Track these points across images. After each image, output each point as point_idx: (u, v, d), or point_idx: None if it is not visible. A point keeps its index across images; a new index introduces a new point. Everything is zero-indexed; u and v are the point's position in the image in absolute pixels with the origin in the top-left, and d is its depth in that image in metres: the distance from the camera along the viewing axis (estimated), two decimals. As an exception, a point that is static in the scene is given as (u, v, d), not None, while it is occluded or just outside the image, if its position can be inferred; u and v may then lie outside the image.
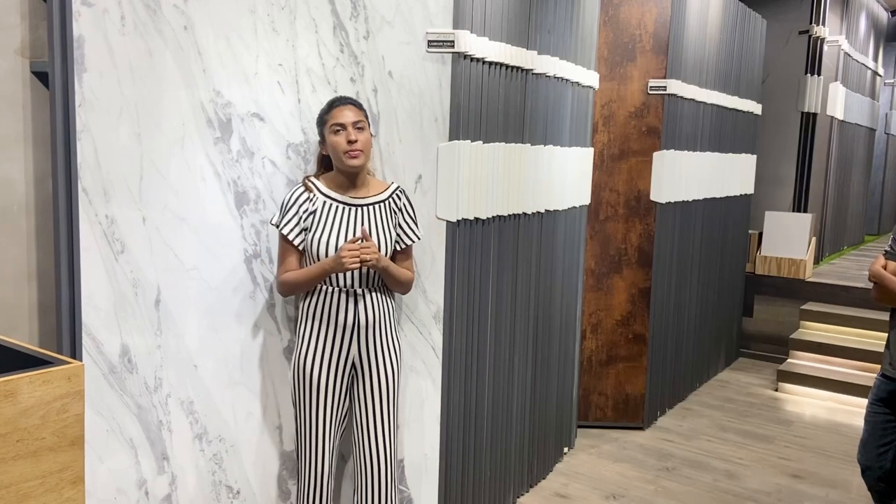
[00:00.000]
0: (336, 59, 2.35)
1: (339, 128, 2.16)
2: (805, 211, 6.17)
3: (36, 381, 1.18)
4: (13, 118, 2.09)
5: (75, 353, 2.06)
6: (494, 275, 2.77)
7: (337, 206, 2.22)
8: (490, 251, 2.72)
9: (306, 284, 2.19)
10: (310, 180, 2.25)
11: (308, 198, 2.21)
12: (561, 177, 3.16)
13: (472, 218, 2.57)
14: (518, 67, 2.74)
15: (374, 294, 2.22)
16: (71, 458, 1.22)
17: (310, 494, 2.25)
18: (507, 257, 2.84)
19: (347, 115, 2.16)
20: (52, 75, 1.99)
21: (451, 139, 2.43)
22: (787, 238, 5.52)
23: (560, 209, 3.21)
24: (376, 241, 2.21)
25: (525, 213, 2.91)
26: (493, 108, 2.63)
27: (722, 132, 4.63)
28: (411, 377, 2.53)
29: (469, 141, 2.50)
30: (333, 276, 2.18)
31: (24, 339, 2.16)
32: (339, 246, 2.16)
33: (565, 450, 3.59)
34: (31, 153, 2.13)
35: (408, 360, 2.52)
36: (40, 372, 1.18)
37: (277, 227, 2.21)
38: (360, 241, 2.12)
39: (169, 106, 2.10)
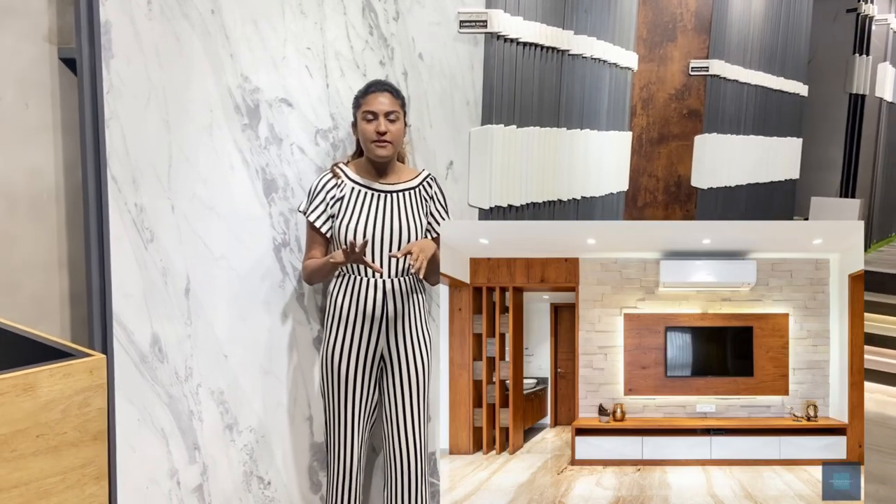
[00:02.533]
0: (365, 42, 2.29)
1: (371, 115, 2.10)
2: (853, 196, 5.94)
3: (56, 374, 1.14)
4: (42, 105, 2.08)
5: (106, 342, 2.04)
6: (529, 263, 2.68)
7: (365, 193, 2.16)
8: (524, 239, 2.64)
9: (319, 274, 2.16)
10: (338, 167, 2.20)
11: (336, 184, 2.16)
12: (597, 162, 3.06)
13: (505, 205, 2.49)
14: (554, 48, 2.65)
15: (403, 284, 2.17)
16: (93, 454, 1.19)
17: (340, 487, 2.21)
18: (542, 245, 2.75)
19: (382, 104, 2.10)
20: (80, 61, 1.97)
21: (483, 123, 2.35)
22: (834, 224, 5.29)
23: (597, 196, 3.11)
24: (406, 230, 2.15)
25: (560, 200, 2.82)
26: (527, 90, 2.54)
27: (766, 115, 4.46)
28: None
29: (502, 125, 2.42)
30: (361, 265, 2.13)
31: (56, 328, 2.15)
32: (367, 233, 2.11)
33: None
34: (60, 141, 2.11)
35: (438, 351, 2.45)
36: (61, 365, 1.15)
37: (304, 213, 2.17)
38: (366, 246, 2.05)
39: (196, 92, 2.06)
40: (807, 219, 5.42)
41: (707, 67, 3.58)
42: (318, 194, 2.16)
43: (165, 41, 2.00)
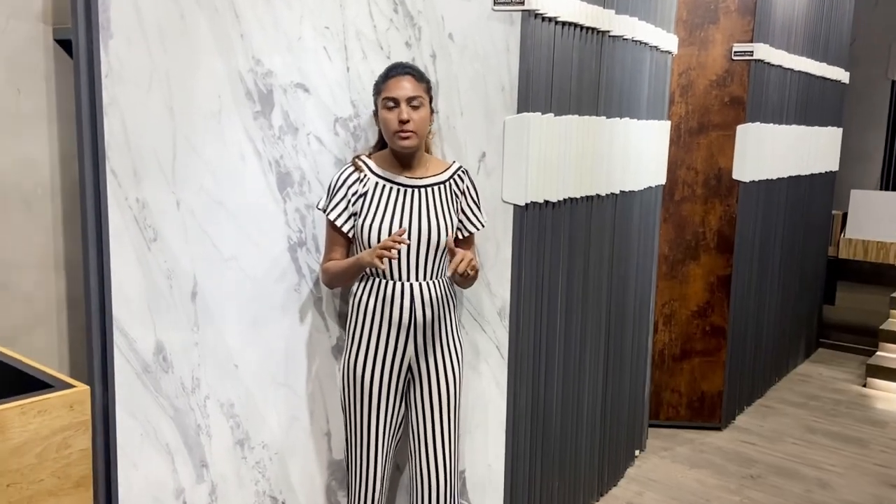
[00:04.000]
0: (389, 21, 2.08)
1: (391, 103, 1.89)
2: (894, 189, 5.66)
3: (29, 411, 0.95)
4: (36, 91, 1.90)
5: (105, 350, 1.87)
6: (565, 265, 2.47)
7: (391, 188, 1.96)
8: (561, 239, 2.43)
9: (343, 277, 1.96)
10: (360, 159, 2.00)
11: (358, 178, 1.96)
12: (637, 154, 2.84)
13: (541, 201, 2.28)
14: (593, 29, 2.42)
15: (433, 288, 1.97)
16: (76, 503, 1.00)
17: (361, 510, 2.03)
18: (579, 245, 2.54)
19: (403, 89, 1.89)
20: (76, 42, 1.78)
21: (519, 111, 2.13)
22: (875, 219, 5.05)
23: (636, 190, 2.88)
24: (436, 229, 1.95)
25: (598, 195, 2.60)
26: (565, 75, 2.32)
27: (808, 103, 4.20)
28: (474, 380, 2.28)
29: (539, 113, 2.20)
30: (386, 267, 1.93)
31: (52, 334, 1.98)
32: (392, 233, 1.91)
33: (636, 453, 3.29)
34: (54, 130, 1.94)
35: (470, 362, 2.26)
36: (34, 400, 0.96)
37: (324, 211, 1.97)
38: (405, 235, 1.88)
39: (203, 76, 1.87)
40: (846, 213, 5.16)
41: (751, 52, 3.33)
42: (338, 190, 1.96)
43: (169, 20, 1.81)
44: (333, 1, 2.02)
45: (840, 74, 4.64)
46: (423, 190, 1.97)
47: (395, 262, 1.94)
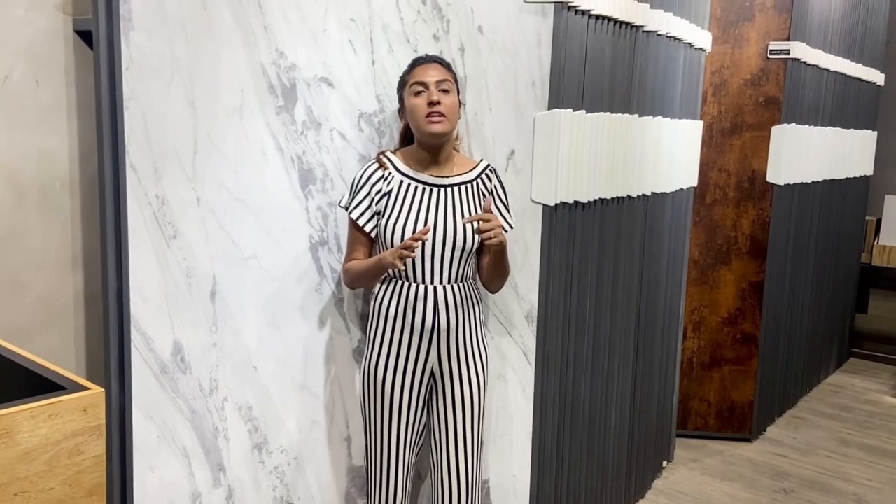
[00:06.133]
0: (417, 13, 2.01)
1: (420, 88, 1.82)
2: (929, 195, 5.48)
3: (39, 414, 0.89)
4: (55, 84, 1.86)
5: (123, 349, 1.82)
6: (594, 269, 2.39)
7: (416, 187, 1.89)
8: (591, 241, 2.34)
9: (365, 278, 1.89)
10: (385, 155, 1.93)
11: (382, 176, 1.89)
12: (669, 154, 2.74)
13: (571, 202, 2.20)
14: (627, 23, 2.33)
15: (457, 291, 1.89)
16: (86, 514, 0.94)
17: (382, 520, 1.96)
18: (609, 248, 2.45)
19: (431, 74, 1.82)
20: (97, 34, 1.73)
21: (550, 107, 2.05)
22: (911, 225, 4.88)
23: (667, 192, 2.79)
24: (462, 231, 1.87)
25: (629, 196, 2.51)
26: (598, 70, 2.24)
27: (844, 104, 4.07)
28: (499, 387, 2.20)
29: (571, 110, 2.12)
30: (409, 269, 1.86)
31: (68, 333, 1.94)
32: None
33: (664, 464, 3.19)
34: (74, 124, 1.89)
35: (495, 368, 2.18)
36: (45, 403, 0.90)
37: (346, 209, 1.90)
38: (428, 235, 1.81)
39: (226, 69, 1.81)
40: (880, 219, 5.02)
41: (788, 50, 3.22)
42: (362, 188, 1.89)
43: (192, 11, 1.75)
44: (360, -7, 1.96)
45: (875, 76, 4.51)
46: (449, 189, 1.90)
47: (417, 265, 1.87)
